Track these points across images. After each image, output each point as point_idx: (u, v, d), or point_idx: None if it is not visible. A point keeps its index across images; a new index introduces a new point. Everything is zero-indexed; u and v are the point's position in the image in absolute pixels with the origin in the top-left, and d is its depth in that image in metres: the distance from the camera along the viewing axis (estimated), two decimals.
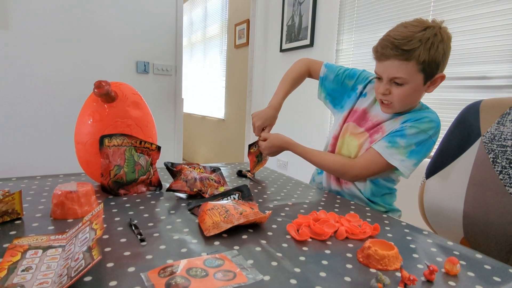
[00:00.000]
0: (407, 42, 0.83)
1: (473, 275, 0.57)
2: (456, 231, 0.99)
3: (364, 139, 1.01)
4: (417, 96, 0.92)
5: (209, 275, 0.51)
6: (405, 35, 0.84)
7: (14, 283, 0.47)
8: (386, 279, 0.50)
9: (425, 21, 0.87)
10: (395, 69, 0.87)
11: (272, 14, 2.90)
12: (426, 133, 0.91)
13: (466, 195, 0.95)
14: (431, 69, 0.86)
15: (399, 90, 0.89)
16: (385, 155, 0.92)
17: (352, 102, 1.09)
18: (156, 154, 0.96)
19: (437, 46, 0.83)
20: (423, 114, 0.93)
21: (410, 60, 0.84)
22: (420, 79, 0.87)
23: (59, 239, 0.62)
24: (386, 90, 0.91)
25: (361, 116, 1.05)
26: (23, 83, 2.05)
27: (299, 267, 0.56)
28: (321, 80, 1.19)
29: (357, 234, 0.70)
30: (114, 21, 2.28)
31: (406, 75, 0.86)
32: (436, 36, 0.84)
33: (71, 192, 0.73)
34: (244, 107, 3.47)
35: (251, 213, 0.71)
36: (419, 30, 0.84)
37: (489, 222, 0.90)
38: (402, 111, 0.96)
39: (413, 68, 0.85)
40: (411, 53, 0.83)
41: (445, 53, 0.86)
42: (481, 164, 0.92)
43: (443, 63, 0.87)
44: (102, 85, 0.86)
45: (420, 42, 0.83)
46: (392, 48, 0.85)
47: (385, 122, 0.99)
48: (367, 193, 1.03)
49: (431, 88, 0.91)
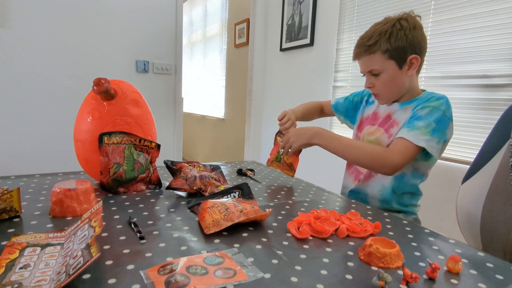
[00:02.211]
0: (369, 38, 0.97)
1: (475, 273, 0.57)
2: (478, 241, 0.92)
3: (380, 133, 1.05)
4: (400, 81, 0.99)
5: (209, 272, 0.50)
6: (369, 33, 0.98)
7: (12, 280, 0.47)
8: (388, 277, 0.49)
9: (390, 17, 0.99)
10: (367, 63, 1.00)
11: (272, 13, 2.89)
12: (438, 109, 0.94)
13: (484, 202, 0.88)
14: (399, 54, 0.95)
15: (379, 80, 1.00)
16: (411, 139, 0.92)
17: (361, 112, 1.19)
18: (156, 152, 0.95)
19: (397, 34, 0.94)
20: (429, 96, 0.99)
21: (375, 52, 0.96)
22: (393, 65, 0.97)
23: (57, 236, 0.61)
24: (370, 84, 1.02)
25: (373, 117, 1.12)
26: (23, 81, 2.04)
27: (300, 265, 0.55)
28: (334, 108, 1.31)
29: (358, 232, 0.70)
30: (114, 20, 2.28)
31: (377, 65, 0.97)
32: (394, 26, 0.95)
33: (70, 190, 0.73)
34: (244, 106, 3.46)
35: (252, 211, 0.71)
36: (381, 26, 0.97)
37: (496, 231, 0.85)
38: (395, 98, 1.04)
39: (381, 58, 0.96)
40: (373, 46, 0.96)
41: (408, 38, 0.94)
42: (502, 169, 0.86)
43: (412, 46, 0.95)
44: (102, 82, 0.85)
45: (380, 35, 0.95)
46: (360, 47, 0.99)
47: (394, 114, 1.04)
48: (387, 190, 1.03)
49: (411, 71, 0.98)
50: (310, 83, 2.47)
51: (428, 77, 1.62)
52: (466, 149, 1.47)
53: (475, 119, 1.44)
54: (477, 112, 1.43)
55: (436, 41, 1.57)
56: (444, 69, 1.55)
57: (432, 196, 1.54)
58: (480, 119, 1.42)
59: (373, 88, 1.02)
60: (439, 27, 1.56)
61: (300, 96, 2.58)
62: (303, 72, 2.53)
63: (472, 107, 1.45)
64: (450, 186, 1.49)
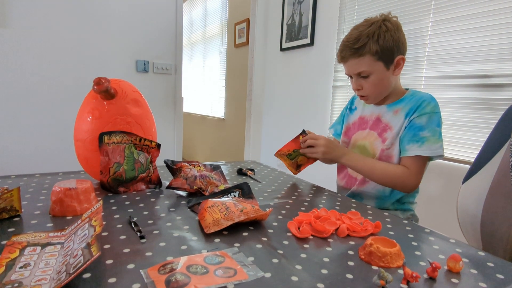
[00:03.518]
0: (357, 41, 0.96)
1: (476, 272, 0.57)
2: (479, 241, 0.92)
3: (374, 138, 1.06)
4: (387, 82, 1.01)
5: (209, 272, 0.50)
6: (355, 36, 0.97)
7: (12, 279, 0.47)
8: (388, 276, 0.49)
9: (372, 19, 0.99)
10: (355, 66, 0.99)
11: (272, 13, 2.89)
12: (434, 113, 0.97)
13: (485, 202, 0.88)
14: (387, 56, 0.97)
15: (368, 82, 1.00)
16: (428, 153, 0.95)
17: (346, 119, 1.20)
18: (156, 151, 0.95)
19: (384, 36, 0.95)
20: (418, 99, 0.99)
21: (365, 55, 0.96)
22: (381, 67, 0.98)
23: (58, 236, 0.61)
24: (358, 86, 1.03)
25: (360, 122, 1.13)
26: (23, 80, 2.04)
27: (300, 264, 0.55)
28: (336, 135, 1.28)
29: (359, 231, 0.70)
30: (114, 20, 2.28)
31: (367, 67, 0.98)
32: (381, 27, 0.96)
33: (70, 189, 0.73)
34: (244, 106, 3.46)
35: (252, 211, 0.71)
36: (365, 28, 0.97)
37: (496, 231, 0.84)
38: (382, 97, 1.05)
39: (370, 60, 0.97)
40: (363, 49, 0.96)
41: (394, 39, 0.96)
42: (502, 169, 0.86)
43: (398, 47, 0.97)
44: (102, 82, 0.85)
45: (368, 38, 0.95)
46: (347, 50, 0.98)
47: (383, 116, 1.05)
48: (385, 192, 1.04)
49: (397, 71, 1.00)
50: (310, 83, 2.47)
51: (428, 77, 1.62)
52: (467, 149, 1.47)
53: (476, 119, 1.44)
54: (477, 112, 1.43)
55: (436, 41, 1.57)
56: (444, 69, 1.55)
57: (433, 196, 1.54)
58: (481, 119, 1.42)
59: (361, 90, 1.03)
60: (439, 27, 1.56)
61: (300, 96, 2.58)
62: (303, 72, 2.53)
63: (472, 107, 1.45)
64: (451, 186, 1.49)
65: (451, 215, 1.43)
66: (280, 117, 2.85)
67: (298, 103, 2.60)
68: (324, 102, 2.34)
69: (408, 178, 0.97)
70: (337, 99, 2.24)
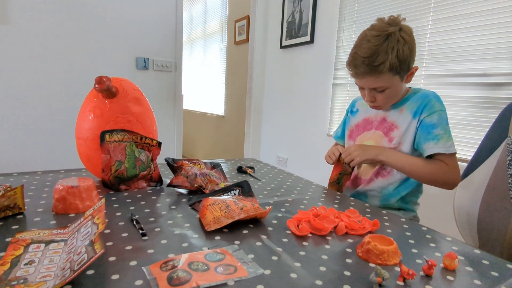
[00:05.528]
0: (375, 58, 0.90)
1: (471, 270, 0.58)
2: (475, 238, 0.94)
3: (380, 137, 1.06)
4: (400, 90, 1.00)
5: (210, 269, 0.51)
6: (371, 51, 0.91)
7: (17, 276, 0.48)
8: (385, 274, 0.50)
9: (383, 27, 0.93)
10: (373, 82, 0.96)
11: (272, 11, 2.89)
12: (442, 110, 0.98)
13: (482, 200, 0.90)
14: (404, 68, 0.94)
15: (383, 95, 0.98)
16: (443, 150, 0.94)
17: (348, 123, 1.19)
18: (157, 150, 0.96)
19: (403, 50, 0.91)
20: (423, 97, 0.99)
21: (384, 73, 0.92)
22: (397, 80, 0.96)
23: (61, 233, 0.62)
24: (372, 98, 1.00)
25: (365, 123, 1.12)
26: (24, 78, 2.05)
27: (299, 262, 0.57)
28: (338, 139, 1.28)
29: (357, 229, 0.71)
30: (114, 17, 2.28)
31: (384, 83, 0.95)
32: (399, 42, 0.91)
33: (72, 187, 0.74)
34: (244, 103, 3.46)
35: (252, 209, 0.72)
36: (382, 41, 0.90)
37: (494, 229, 0.85)
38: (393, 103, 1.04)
39: (388, 76, 0.93)
40: (382, 67, 0.91)
41: (411, 50, 0.93)
42: (499, 167, 0.87)
43: (411, 57, 0.95)
44: (103, 80, 0.86)
45: (386, 54, 0.90)
46: (363, 67, 0.92)
47: (388, 116, 1.05)
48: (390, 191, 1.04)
49: (410, 78, 1.00)
50: (310, 80, 2.48)
51: (428, 75, 1.63)
52: (464, 147, 1.48)
53: (474, 117, 1.44)
54: (475, 110, 1.44)
55: (435, 39, 1.58)
56: (443, 67, 1.56)
57: (430, 193, 1.55)
58: (479, 117, 1.43)
59: (375, 102, 1.01)
60: (439, 25, 1.57)
61: (300, 93, 2.58)
62: (303, 69, 2.53)
63: (470, 105, 1.46)
64: None
65: (448, 213, 1.44)
66: (280, 114, 2.85)
67: (298, 101, 2.61)
68: (324, 100, 2.34)
69: (450, 174, 0.95)
70: (337, 97, 2.25)
